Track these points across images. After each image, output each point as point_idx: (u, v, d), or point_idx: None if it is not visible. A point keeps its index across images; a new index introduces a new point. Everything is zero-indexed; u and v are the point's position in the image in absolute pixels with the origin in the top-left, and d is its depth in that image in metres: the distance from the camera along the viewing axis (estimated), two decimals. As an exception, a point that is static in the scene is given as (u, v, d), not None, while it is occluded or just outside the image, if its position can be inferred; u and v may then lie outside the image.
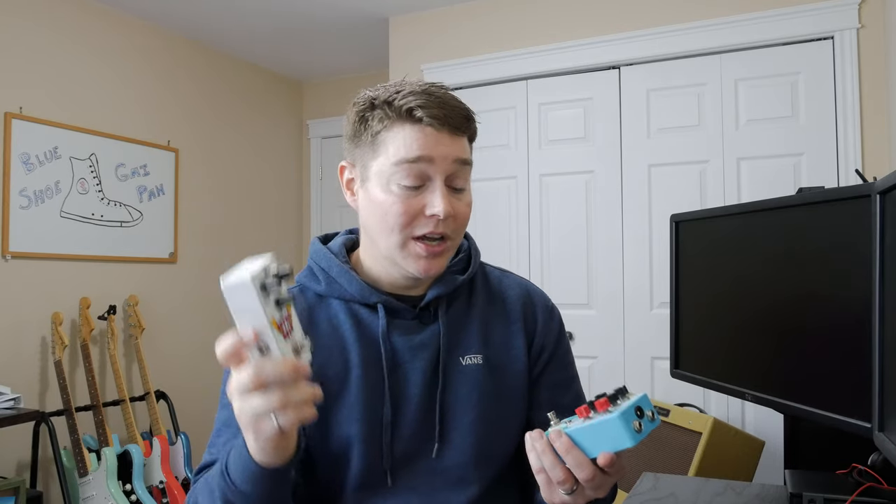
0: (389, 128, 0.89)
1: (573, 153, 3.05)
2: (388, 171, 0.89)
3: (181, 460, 3.11)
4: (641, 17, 2.91)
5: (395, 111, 0.89)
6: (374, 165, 0.91)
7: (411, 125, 0.88)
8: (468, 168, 0.93)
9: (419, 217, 0.89)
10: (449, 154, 0.89)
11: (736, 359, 1.37)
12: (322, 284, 0.97)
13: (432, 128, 0.88)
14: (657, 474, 1.44)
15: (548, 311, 1.05)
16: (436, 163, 0.88)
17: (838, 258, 1.09)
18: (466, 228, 0.98)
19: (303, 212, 4.51)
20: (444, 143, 0.89)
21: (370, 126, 0.91)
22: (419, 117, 0.88)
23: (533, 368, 1.01)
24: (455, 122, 0.90)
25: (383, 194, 0.90)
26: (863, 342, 0.97)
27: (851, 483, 1.16)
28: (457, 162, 0.90)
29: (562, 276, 3.04)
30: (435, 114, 0.88)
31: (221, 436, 0.92)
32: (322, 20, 3.49)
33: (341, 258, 0.99)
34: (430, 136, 0.88)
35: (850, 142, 2.55)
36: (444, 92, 0.92)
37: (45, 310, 2.99)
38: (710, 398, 2.68)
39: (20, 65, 2.92)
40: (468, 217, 0.94)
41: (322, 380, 0.91)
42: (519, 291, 1.05)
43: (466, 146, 0.93)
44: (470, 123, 0.93)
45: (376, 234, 0.92)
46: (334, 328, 0.95)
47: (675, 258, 1.58)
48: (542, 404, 1.00)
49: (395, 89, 0.91)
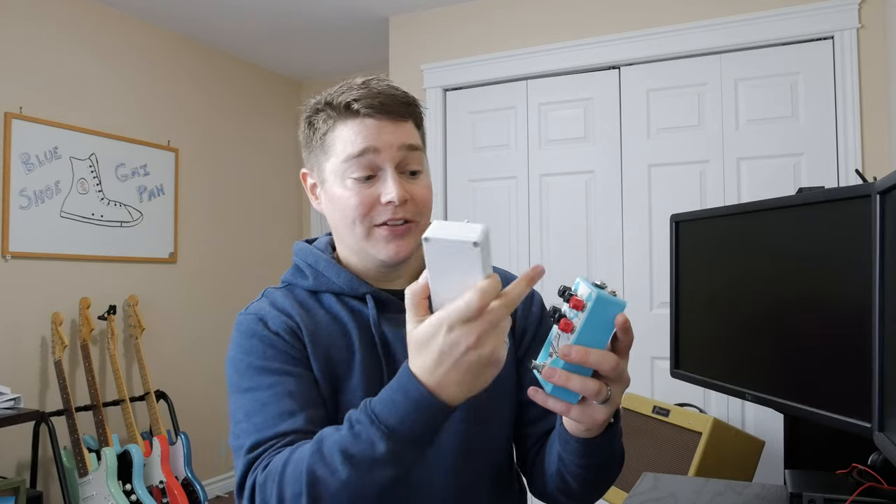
0: (333, 127, 0.92)
1: (573, 153, 3.05)
2: (340, 168, 0.91)
3: (181, 460, 3.11)
4: (641, 17, 2.90)
5: (335, 109, 0.92)
6: (328, 166, 0.93)
7: (352, 119, 0.91)
8: (419, 153, 0.94)
9: (376, 206, 0.91)
10: (393, 141, 0.91)
11: (736, 359, 1.37)
12: (310, 279, 0.98)
13: (371, 118, 0.90)
14: (657, 474, 1.44)
15: (528, 296, 1.06)
16: (382, 152, 0.90)
17: (838, 258, 1.09)
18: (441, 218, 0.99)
19: (302, 212, 4.51)
20: (387, 130, 0.91)
21: (317, 129, 0.94)
22: (356, 110, 0.90)
23: (517, 352, 1.03)
24: (393, 108, 0.91)
25: (340, 190, 0.92)
26: (863, 342, 0.97)
27: (851, 483, 1.16)
28: (403, 148, 0.91)
29: (562, 276, 3.03)
30: (371, 104, 0.90)
31: (255, 416, 0.84)
32: (322, 20, 3.49)
33: (327, 254, 1.00)
34: (371, 127, 0.90)
35: (850, 142, 2.55)
36: (382, 83, 0.93)
37: (45, 310, 2.99)
38: (710, 398, 2.68)
39: (20, 65, 2.92)
40: (429, 199, 0.95)
41: (329, 363, 0.92)
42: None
43: (412, 131, 0.94)
44: (411, 108, 0.94)
45: (343, 230, 0.94)
46: (333, 315, 0.96)
47: (675, 258, 1.58)
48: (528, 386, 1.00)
49: (336, 89, 0.93)
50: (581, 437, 0.82)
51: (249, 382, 0.87)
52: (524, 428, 1.03)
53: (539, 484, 0.99)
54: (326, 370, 0.91)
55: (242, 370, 0.89)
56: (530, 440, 1.02)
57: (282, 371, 0.87)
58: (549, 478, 0.94)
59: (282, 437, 0.82)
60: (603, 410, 0.74)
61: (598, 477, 0.88)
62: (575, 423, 0.79)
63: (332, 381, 0.92)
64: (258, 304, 0.97)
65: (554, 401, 0.74)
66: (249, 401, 0.86)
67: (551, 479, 0.93)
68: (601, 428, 0.80)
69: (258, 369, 0.88)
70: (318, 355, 0.91)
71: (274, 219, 4.28)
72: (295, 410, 0.84)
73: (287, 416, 0.83)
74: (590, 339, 0.71)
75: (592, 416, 0.75)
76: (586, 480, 0.88)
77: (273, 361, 0.88)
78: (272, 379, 0.86)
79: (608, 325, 0.71)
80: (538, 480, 0.99)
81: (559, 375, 0.71)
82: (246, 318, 0.94)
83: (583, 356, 0.70)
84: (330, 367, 0.92)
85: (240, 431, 0.85)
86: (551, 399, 0.74)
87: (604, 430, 0.81)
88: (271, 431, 0.82)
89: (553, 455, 0.91)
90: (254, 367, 0.88)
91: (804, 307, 1.17)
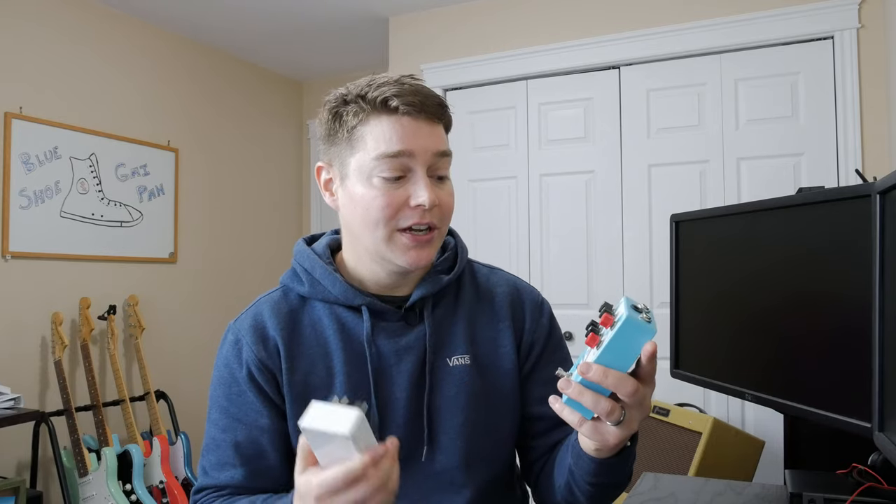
0: (365, 121, 0.88)
1: (573, 153, 3.05)
2: (369, 165, 0.87)
3: (181, 460, 3.11)
4: (641, 17, 2.90)
5: (369, 103, 0.88)
6: (353, 161, 0.89)
7: (387, 116, 0.87)
8: (448, 158, 0.92)
9: (403, 209, 0.88)
10: (429, 147, 0.88)
11: (736, 359, 1.37)
12: (305, 286, 0.96)
13: (409, 116, 0.87)
14: (657, 474, 1.44)
15: (537, 307, 1.03)
16: (416, 156, 0.87)
17: (838, 258, 1.09)
18: (452, 223, 0.98)
19: (303, 212, 4.51)
20: (423, 133, 0.88)
21: (345, 122, 0.90)
22: (395, 107, 0.87)
23: (524, 365, 1.00)
24: (431, 109, 0.89)
25: (364, 189, 0.88)
26: (863, 342, 0.97)
27: (851, 483, 1.16)
28: (437, 154, 0.89)
29: (562, 276, 3.04)
30: (410, 101, 0.87)
31: (211, 454, 0.95)
32: (322, 20, 3.49)
33: (325, 259, 0.97)
34: (408, 126, 0.87)
35: (850, 142, 2.55)
36: (417, 81, 0.91)
37: (45, 310, 2.99)
38: (710, 398, 2.69)
39: (20, 65, 2.92)
40: (452, 207, 0.93)
41: (307, 389, 0.91)
42: (507, 289, 1.03)
43: (444, 136, 0.93)
44: (445, 111, 0.92)
45: (360, 230, 0.91)
46: (318, 334, 0.94)
47: (675, 258, 1.58)
48: (536, 401, 0.99)
49: (366, 82, 0.90)
50: (594, 457, 0.80)
51: (214, 415, 0.96)
52: (530, 440, 1.01)
53: (546, 494, 0.97)
54: (302, 394, 0.92)
55: (213, 399, 0.96)
56: (535, 452, 1.01)
57: (236, 417, 0.93)
58: (557, 489, 0.92)
59: (219, 489, 0.93)
60: (615, 433, 0.73)
61: (606, 493, 0.87)
62: (587, 440, 0.78)
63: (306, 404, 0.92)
64: (243, 318, 0.97)
65: (569, 411, 0.73)
66: (210, 435, 0.96)
67: (559, 491, 0.92)
68: (614, 450, 0.78)
69: (220, 407, 0.95)
70: (294, 382, 0.93)
71: (274, 219, 4.27)
72: (236, 464, 0.92)
73: (230, 467, 0.93)
74: (613, 359, 0.70)
75: (604, 437, 0.73)
76: (595, 496, 0.87)
77: (232, 405, 0.94)
78: (226, 422, 0.94)
79: (634, 349, 0.70)
80: (545, 490, 0.98)
81: (573, 389, 0.71)
82: (229, 335, 0.97)
83: (601, 376, 0.69)
84: (308, 392, 0.92)
85: (201, 462, 0.97)
86: (566, 409, 0.74)
87: (618, 453, 0.79)
88: (212, 480, 0.94)
89: (564, 468, 0.90)
90: (218, 404, 0.95)
91: (804, 307, 1.17)
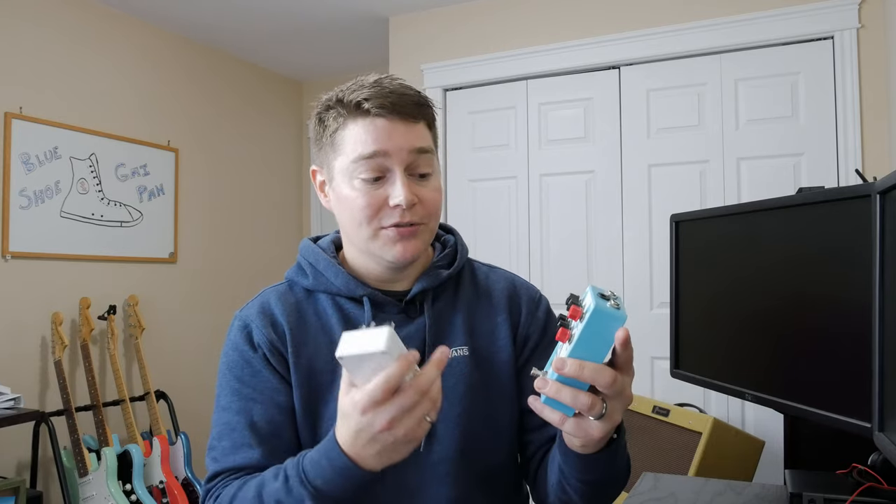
0: (344, 125, 0.91)
1: (573, 153, 3.05)
2: (349, 167, 0.90)
3: (181, 460, 3.11)
4: (641, 17, 2.90)
5: (345, 108, 0.90)
6: (337, 164, 0.92)
7: (362, 118, 0.89)
8: (429, 155, 0.92)
9: (384, 208, 0.90)
10: (404, 145, 0.89)
11: (736, 359, 1.37)
12: (309, 278, 0.98)
13: (382, 118, 0.88)
14: (657, 474, 1.44)
15: (533, 302, 1.05)
16: (392, 155, 0.88)
17: (838, 258, 1.09)
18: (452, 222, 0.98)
19: (302, 212, 4.50)
20: (398, 132, 0.89)
21: (327, 126, 0.93)
22: (367, 109, 0.88)
23: (519, 358, 1.01)
24: (405, 109, 0.89)
25: (348, 190, 0.91)
26: (863, 342, 0.97)
27: (851, 483, 1.16)
28: (414, 152, 0.90)
29: (562, 275, 3.04)
30: (382, 104, 0.88)
31: (223, 440, 0.92)
32: (322, 20, 3.49)
33: (329, 253, 1.00)
34: (382, 128, 0.88)
35: (850, 142, 2.55)
36: (395, 81, 0.92)
37: (45, 310, 2.99)
38: (710, 398, 2.68)
39: (20, 65, 2.92)
40: (438, 202, 0.94)
41: (312, 374, 0.93)
42: (505, 284, 1.05)
43: (424, 133, 0.93)
44: (423, 108, 0.92)
45: (350, 229, 0.94)
46: (322, 322, 0.96)
47: (675, 258, 1.58)
48: (530, 393, 1.00)
49: (347, 86, 0.92)
50: (580, 453, 0.80)
51: (225, 401, 0.94)
52: (526, 434, 1.02)
53: (541, 493, 0.97)
54: (308, 381, 0.93)
55: (223, 385, 0.95)
56: (532, 446, 1.01)
57: (250, 397, 0.93)
58: (551, 488, 0.92)
59: (236, 472, 0.90)
60: (599, 427, 0.73)
61: (601, 492, 0.87)
62: (571, 436, 0.78)
63: (313, 391, 0.93)
64: (251, 305, 0.99)
65: (549, 411, 0.73)
66: (222, 421, 0.94)
67: (552, 490, 0.92)
68: (599, 444, 0.77)
69: (233, 390, 0.94)
70: (300, 366, 0.93)
71: (274, 219, 4.27)
72: (253, 444, 0.91)
73: (246, 448, 0.91)
74: (587, 351, 0.69)
75: (587, 431, 0.73)
76: (588, 495, 0.87)
77: (245, 386, 0.93)
78: (240, 404, 0.93)
79: (607, 338, 0.68)
80: (541, 489, 0.98)
81: (550, 387, 0.71)
82: (236, 322, 0.98)
83: (576, 370, 0.69)
84: (312, 377, 0.93)
85: (210, 454, 0.94)
86: (546, 408, 0.73)
87: (604, 446, 0.79)
88: (229, 463, 0.91)
89: (555, 466, 0.90)
90: (230, 387, 0.94)
91: (804, 307, 1.17)
